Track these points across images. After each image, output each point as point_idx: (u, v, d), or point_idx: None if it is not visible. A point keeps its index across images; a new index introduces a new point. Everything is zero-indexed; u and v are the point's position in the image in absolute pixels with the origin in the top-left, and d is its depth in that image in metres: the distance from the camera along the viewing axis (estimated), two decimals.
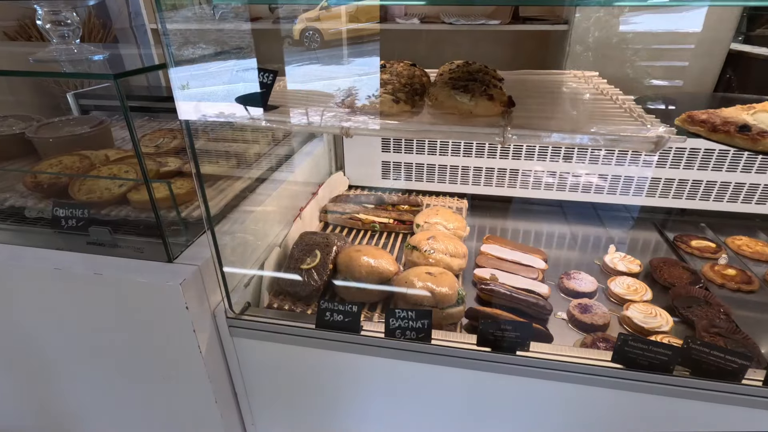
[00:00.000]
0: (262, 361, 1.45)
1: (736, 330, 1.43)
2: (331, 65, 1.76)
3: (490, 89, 1.10)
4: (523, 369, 1.25)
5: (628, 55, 2.95)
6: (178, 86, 1.02)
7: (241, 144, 1.90)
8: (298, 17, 3.88)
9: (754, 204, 2.06)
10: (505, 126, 0.96)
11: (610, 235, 2.11)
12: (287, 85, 1.45)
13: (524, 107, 1.15)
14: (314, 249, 1.62)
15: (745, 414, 1.17)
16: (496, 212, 2.32)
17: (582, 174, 2.14)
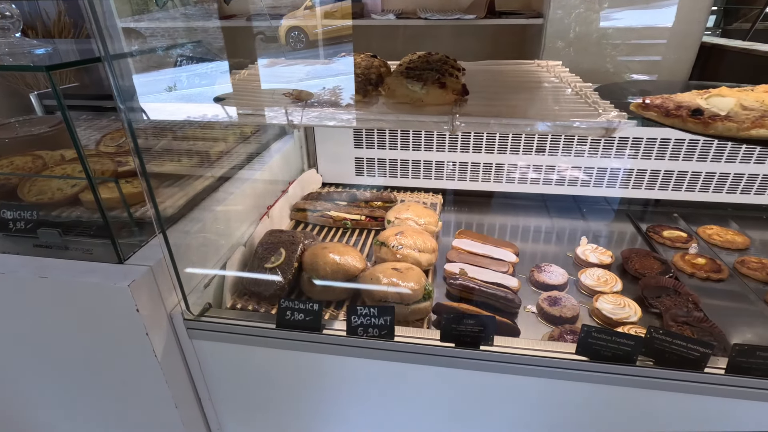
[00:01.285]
0: (225, 363, 1.40)
1: (703, 319, 1.42)
2: (296, 60, 1.72)
3: (443, 78, 1.07)
4: (487, 364, 1.23)
5: (603, 48, 2.95)
6: (116, 80, 0.97)
7: (206, 142, 1.85)
8: (283, 17, 3.83)
9: (725, 193, 2.07)
10: (454, 114, 0.93)
11: (585, 227, 2.10)
12: (246, 78, 1.41)
13: (481, 96, 1.12)
14: (279, 247, 1.58)
15: (708, 403, 1.16)
16: (473, 207, 2.30)
17: (557, 167, 2.13)
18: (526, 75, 1.34)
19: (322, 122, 0.95)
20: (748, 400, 1.13)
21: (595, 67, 2.98)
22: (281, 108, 0.95)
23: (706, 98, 1.02)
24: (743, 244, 1.87)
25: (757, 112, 0.93)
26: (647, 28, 2.90)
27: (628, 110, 1.02)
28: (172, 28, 2.96)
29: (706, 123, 0.90)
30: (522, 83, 1.26)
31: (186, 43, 1.39)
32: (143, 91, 1.12)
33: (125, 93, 1.00)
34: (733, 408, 1.16)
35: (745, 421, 1.18)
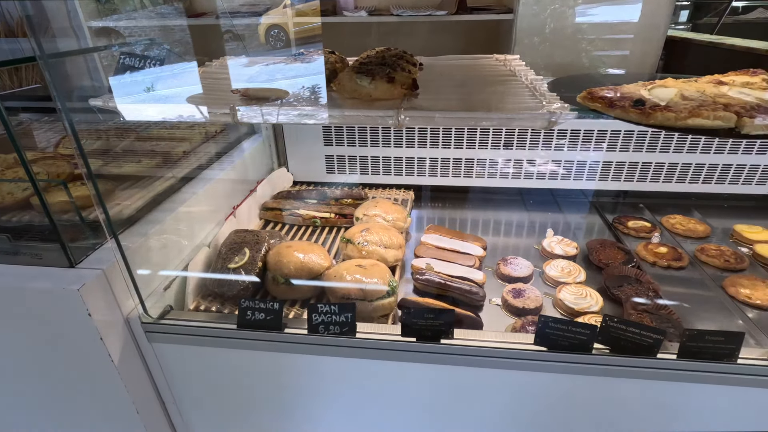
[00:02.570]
0: (188, 365, 1.38)
1: (661, 306, 1.45)
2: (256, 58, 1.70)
3: (393, 72, 1.07)
4: (448, 357, 1.23)
5: (573, 42, 2.98)
6: (53, 79, 0.94)
7: (168, 142, 1.82)
8: (262, 16, 3.79)
9: (688, 183, 2.11)
10: (400, 108, 0.93)
11: (554, 219, 2.13)
12: (200, 76, 1.39)
13: (433, 90, 1.12)
14: (243, 247, 1.57)
15: (662, 387, 1.18)
16: (447, 202, 2.31)
17: (525, 161, 2.14)
18: (482, 69, 1.35)
19: (265, 119, 0.94)
20: (699, 383, 1.16)
21: (566, 61, 3.01)
22: (224, 105, 0.94)
23: (649, 89, 1.04)
24: (704, 232, 1.91)
25: (696, 102, 0.95)
26: (615, 23, 2.95)
27: (575, 102, 1.03)
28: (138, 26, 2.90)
29: (647, 113, 0.92)
30: (477, 77, 1.26)
31: (138, 41, 1.36)
32: (89, 89, 1.09)
33: (63, 92, 0.98)
34: (686, 391, 1.19)
35: (697, 403, 1.21)
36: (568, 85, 1.19)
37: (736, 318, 1.46)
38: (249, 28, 3.47)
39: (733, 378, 1.14)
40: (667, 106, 0.94)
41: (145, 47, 1.33)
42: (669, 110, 0.91)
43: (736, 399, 1.18)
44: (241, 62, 1.48)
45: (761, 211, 2.09)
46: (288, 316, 1.47)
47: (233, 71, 1.35)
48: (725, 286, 1.58)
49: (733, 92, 1.01)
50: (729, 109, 0.91)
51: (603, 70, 3.26)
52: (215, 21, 3.08)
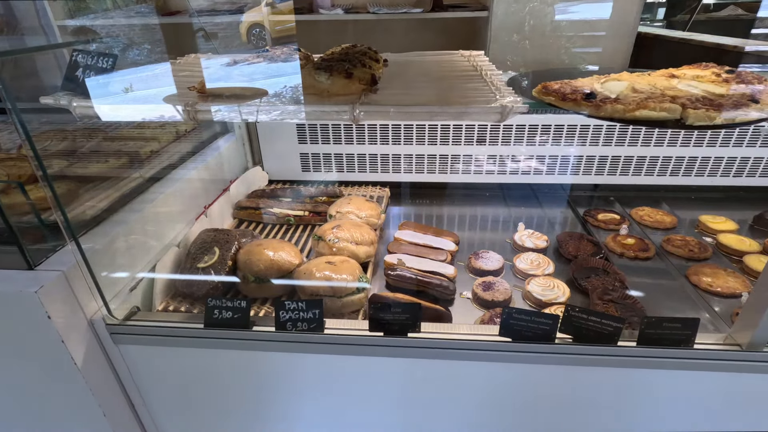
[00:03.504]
0: (156, 366, 1.37)
1: (626, 296, 1.48)
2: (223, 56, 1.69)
3: (353, 68, 1.07)
4: (415, 351, 1.24)
5: (547, 39, 3.03)
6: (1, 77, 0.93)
7: (136, 141, 1.80)
8: (244, 15, 3.75)
9: (656, 176, 2.16)
10: (355, 104, 0.93)
11: (527, 213, 2.16)
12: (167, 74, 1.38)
13: (394, 86, 1.13)
14: (213, 246, 1.56)
15: (622, 374, 1.21)
16: (423, 198, 2.33)
17: (499, 156, 2.17)
18: (446, 65, 1.36)
19: (221, 116, 0.93)
20: (658, 369, 1.19)
21: (540, 58, 3.05)
22: (179, 103, 0.93)
23: (602, 83, 1.06)
24: (671, 223, 1.96)
25: (645, 95, 0.97)
26: (588, 21, 3.00)
27: (532, 96, 1.05)
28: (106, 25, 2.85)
29: (598, 106, 0.94)
30: (440, 73, 1.28)
31: (101, 40, 1.34)
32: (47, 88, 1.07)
33: (13, 91, 0.96)
34: (645, 377, 1.22)
35: (656, 389, 1.24)
36: (548, 78, 1.20)
37: (698, 305, 1.50)
38: (221, 25, 3.44)
39: (690, 363, 1.18)
40: (617, 98, 0.96)
41: (108, 46, 1.31)
42: (618, 102, 0.94)
43: (693, 383, 1.22)
44: (207, 60, 1.47)
45: (726, 202, 2.16)
46: (259, 314, 1.46)
47: (196, 69, 1.34)
48: (689, 275, 1.62)
49: (682, 85, 1.04)
50: (675, 101, 0.93)
51: (583, 66, 3.32)
52: (187, 19, 3.04)
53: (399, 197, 2.33)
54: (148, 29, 2.52)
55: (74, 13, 3.31)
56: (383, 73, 1.29)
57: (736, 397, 1.24)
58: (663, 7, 4.97)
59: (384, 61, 1.37)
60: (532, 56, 3.05)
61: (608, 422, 1.34)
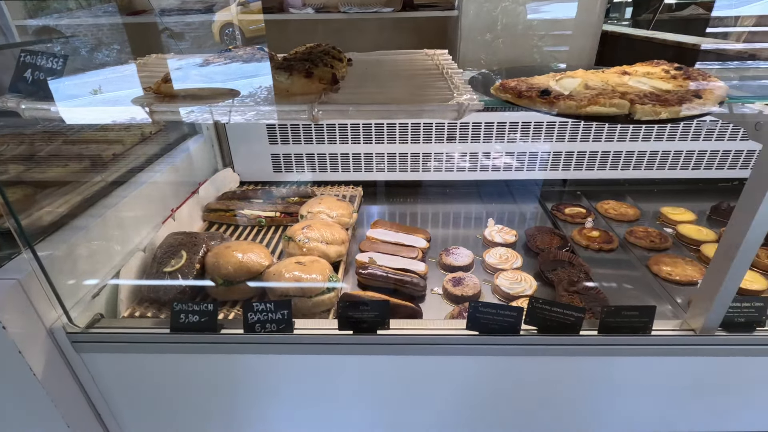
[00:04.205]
0: (122, 374, 1.34)
1: (590, 287, 1.53)
2: (185, 56, 1.66)
3: (314, 67, 1.07)
4: (385, 347, 1.25)
5: (516, 38, 3.08)
6: None
7: (98, 144, 1.75)
8: (216, 14, 3.68)
9: (620, 170, 2.23)
10: (314, 103, 0.93)
11: (499, 209, 2.20)
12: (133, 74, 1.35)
13: (356, 85, 1.14)
14: (180, 250, 1.53)
15: (585, 362, 1.25)
16: (397, 197, 2.34)
17: (468, 153, 2.20)
18: (409, 64, 1.38)
19: (177, 116, 0.92)
20: (618, 356, 1.24)
21: (510, 56, 3.10)
22: (133, 104, 0.91)
23: (557, 80, 1.09)
24: (634, 215, 2.03)
25: (596, 91, 1.01)
26: (555, 20, 3.06)
27: (490, 93, 1.07)
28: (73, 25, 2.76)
29: (552, 102, 0.97)
30: (403, 72, 1.29)
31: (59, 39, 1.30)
32: None
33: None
34: (607, 364, 1.26)
35: (618, 375, 1.28)
36: (483, 80, 1.22)
37: (658, 294, 1.56)
38: (193, 25, 3.38)
39: (648, 349, 1.22)
40: (570, 95, 0.99)
41: (73, 46, 1.27)
42: (571, 99, 0.97)
43: (652, 368, 1.26)
44: (167, 60, 1.44)
45: (686, 194, 2.24)
46: (228, 317, 1.45)
47: (156, 69, 1.31)
48: (650, 264, 1.68)
49: (633, 81, 1.08)
50: (625, 97, 0.97)
51: (555, 65, 3.39)
52: (155, 19, 2.97)
53: (374, 196, 2.34)
54: (110, 29, 2.46)
55: (34, 12, 3.19)
56: (347, 72, 1.29)
57: (692, 380, 1.30)
58: (630, 6, 5.13)
59: (348, 60, 1.37)
60: (504, 55, 3.09)
61: (573, 409, 1.38)
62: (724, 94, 1.03)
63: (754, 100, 1.07)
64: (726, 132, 2.11)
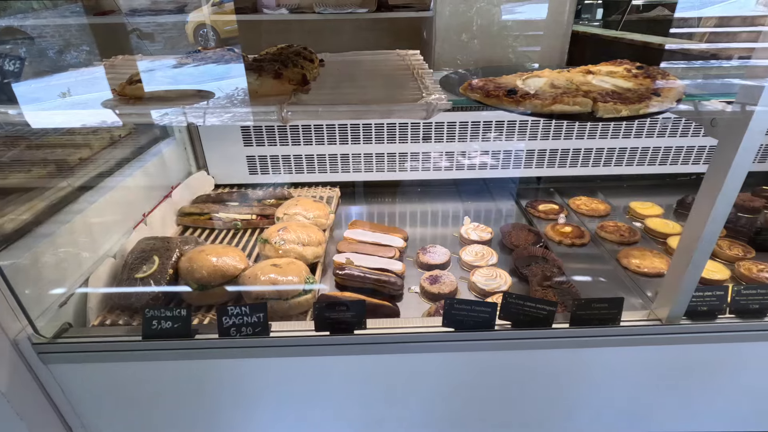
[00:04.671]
0: (93, 384, 1.30)
1: (562, 281, 1.57)
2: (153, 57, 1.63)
3: (283, 68, 1.07)
4: (362, 347, 1.25)
5: (490, 38, 3.13)
6: None
7: (65, 149, 1.69)
8: (189, 15, 3.60)
9: (591, 167, 2.29)
10: (284, 104, 0.93)
11: (476, 208, 2.22)
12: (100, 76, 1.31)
13: (327, 85, 1.14)
14: (152, 255, 1.50)
15: (558, 354, 1.28)
16: (375, 197, 2.34)
17: (443, 152, 2.22)
18: (380, 64, 1.38)
19: (142, 119, 0.90)
20: (590, 348, 1.27)
21: (484, 57, 3.14)
22: (98, 108, 0.89)
23: (524, 79, 1.12)
24: (605, 210, 2.09)
25: (561, 90, 1.03)
26: (526, 21, 3.13)
27: (458, 93, 1.09)
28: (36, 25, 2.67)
29: (518, 101, 0.99)
30: (373, 72, 1.29)
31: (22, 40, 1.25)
32: None
33: None
34: (579, 356, 1.29)
35: (589, 366, 1.32)
36: (454, 81, 1.24)
37: (627, 286, 1.61)
38: (166, 26, 3.31)
39: (617, 339, 1.26)
40: (536, 94, 1.01)
41: (27, 47, 1.23)
42: (537, 98, 0.99)
43: (621, 357, 1.31)
44: (134, 62, 1.41)
45: (654, 189, 2.32)
46: (204, 322, 1.43)
47: (121, 71, 1.28)
48: (619, 258, 1.74)
49: (596, 80, 1.12)
50: (588, 95, 1.00)
51: (530, 65, 3.46)
52: (122, 19, 2.90)
53: (352, 196, 2.34)
54: (78, 30, 2.39)
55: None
56: (319, 73, 1.29)
57: (660, 368, 1.34)
58: (601, 7, 5.28)
59: (320, 61, 1.37)
60: (480, 55, 3.13)
61: (549, 400, 1.41)
62: (681, 92, 1.07)
63: (710, 97, 1.11)
64: (690, 129, 2.19)
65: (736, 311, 1.29)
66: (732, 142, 1.02)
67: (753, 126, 0.98)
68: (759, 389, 1.41)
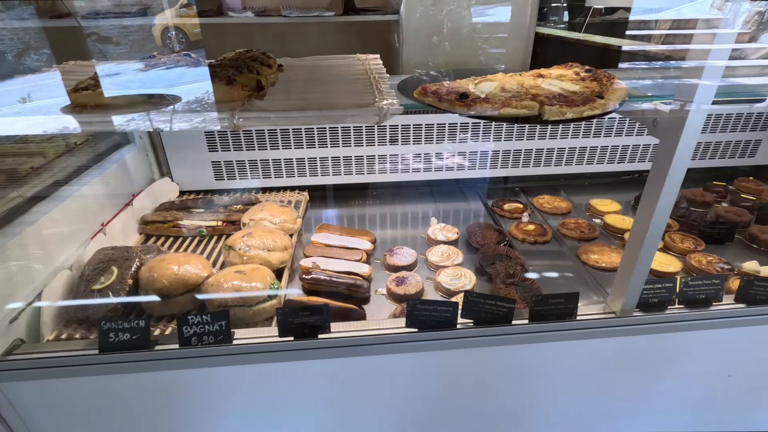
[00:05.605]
0: (48, 401, 1.26)
1: (525, 278, 1.61)
2: (108, 62, 1.59)
3: (237, 74, 1.06)
4: (327, 351, 1.26)
5: (455, 41, 3.18)
6: None
7: (14, 158, 1.63)
8: (156, 17, 3.50)
9: (553, 166, 2.36)
10: (236, 110, 0.93)
11: (445, 208, 2.25)
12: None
13: (284, 91, 1.14)
14: (110, 266, 1.46)
15: (518, 351, 1.32)
16: (344, 200, 2.34)
17: (411, 154, 2.25)
18: (340, 69, 1.39)
19: (88, 127, 0.88)
20: (549, 342, 1.31)
21: (450, 59, 3.20)
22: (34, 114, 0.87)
23: (476, 84, 1.15)
24: (567, 208, 2.15)
25: (510, 94, 1.07)
26: (491, 23, 3.20)
27: (413, 97, 1.11)
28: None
29: (469, 105, 1.01)
30: (330, 77, 1.30)
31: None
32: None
33: None
34: (539, 351, 1.33)
35: (548, 360, 1.36)
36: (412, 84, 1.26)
37: (586, 281, 1.67)
38: (131, 28, 3.22)
39: (574, 333, 1.31)
40: (486, 98, 1.04)
41: None
42: (487, 102, 1.02)
43: (578, 350, 1.35)
44: (87, 68, 1.37)
45: (614, 186, 2.41)
46: (165, 332, 1.40)
47: (71, 77, 1.25)
48: (579, 254, 1.79)
49: (546, 84, 1.16)
50: (536, 98, 1.03)
51: (499, 66, 3.53)
52: (79, 22, 2.80)
53: (323, 200, 2.33)
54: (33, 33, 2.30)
55: None
56: (277, 78, 1.29)
57: (615, 359, 1.40)
58: (567, 10, 5.43)
59: (279, 66, 1.37)
60: (445, 58, 3.18)
61: (512, 395, 1.45)
62: (625, 94, 1.12)
63: (651, 99, 1.17)
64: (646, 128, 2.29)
65: (684, 302, 1.36)
66: (671, 140, 1.08)
67: (689, 125, 1.04)
68: (706, 375, 1.48)
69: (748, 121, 2.34)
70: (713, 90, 1.01)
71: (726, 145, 2.41)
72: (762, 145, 2.41)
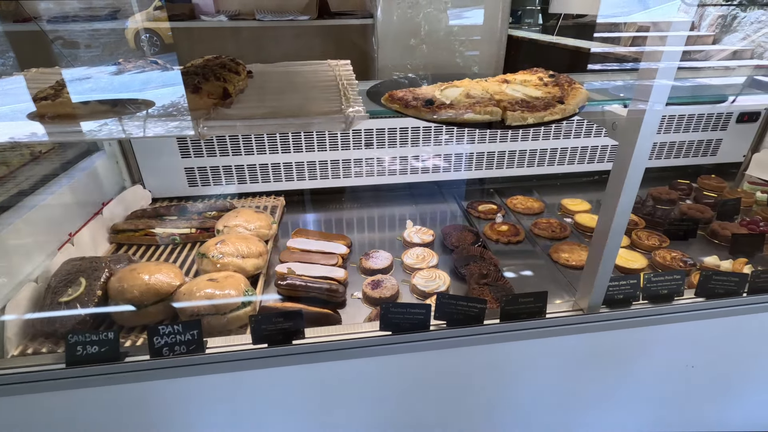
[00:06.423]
0: (12, 419, 1.22)
1: (498, 278, 1.64)
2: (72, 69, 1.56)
3: (204, 82, 1.06)
4: (302, 357, 1.26)
5: (430, 44, 3.22)
6: None
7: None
8: (129, 19, 3.43)
9: (526, 167, 2.41)
10: (200, 119, 0.92)
11: (422, 211, 2.28)
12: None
13: (252, 98, 1.14)
14: (78, 277, 1.43)
15: (490, 350, 1.35)
16: (321, 204, 2.34)
17: (388, 158, 2.26)
18: (310, 75, 1.40)
19: (54, 138, 0.87)
20: (520, 341, 1.34)
21: (425, 62, 3.23)
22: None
23: (442, 90, 1.17)
24: (539, 208, 2.20)
25: (474, 100, 1.09)
26: (465, 27, 3.25)
27: (380, 103, 1.12)
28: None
29: (435, 111, 1.04)
30: (300, 84, 1.31)
31: None
32: None
33: None
34: (510, 350, 1.36)
35: (519, 359, 1.40)
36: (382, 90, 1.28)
37: (557, 279, 1.71)
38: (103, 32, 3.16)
39: (544, 331, 1.34)
40: (451, 104, 1.06)
41: None
42: (451, 108, 1.04)
43: (548, 348, 1.39)
44: (50, 75, 1.34)
45: (584, 186, 2.48)
46: (137, 343, 1.38)
47: (32, 85, 1.22)
48: (551, 253, 1.84)
49: (510, 89, 1.19)
50: (499, 104, 1.06)
51: (475, 68, 3.59)
52: (45, 26, 2.73)
53: (300, 204, 2.33)
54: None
55: None
56: (247, 85, 1.29)
57: (585, 355, 1.44)
58: (540, 13, 5.56)
59: (248, 72, 1.36)
60: (420, 61, 3.22)
61: (486, 394, 1.48)
62: (584, 99, 1.16)
63: (610, 102, 1.22)
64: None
65: (648, 297, 1.41)
66: (629, 142, 1.12)
67: (644, 127, 1.09)
68: (669, 367, 1.54)
69: (710, 121, 2.44)
70: (667, 90, 1.06)
71: (690, 145, 2.50)
72: (722, 143, 2.52)
